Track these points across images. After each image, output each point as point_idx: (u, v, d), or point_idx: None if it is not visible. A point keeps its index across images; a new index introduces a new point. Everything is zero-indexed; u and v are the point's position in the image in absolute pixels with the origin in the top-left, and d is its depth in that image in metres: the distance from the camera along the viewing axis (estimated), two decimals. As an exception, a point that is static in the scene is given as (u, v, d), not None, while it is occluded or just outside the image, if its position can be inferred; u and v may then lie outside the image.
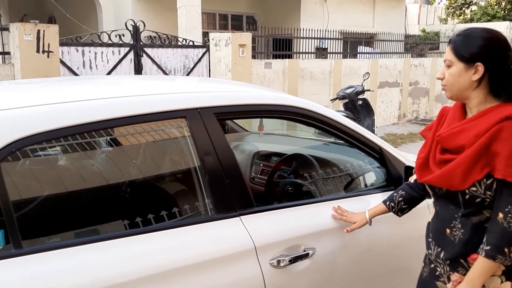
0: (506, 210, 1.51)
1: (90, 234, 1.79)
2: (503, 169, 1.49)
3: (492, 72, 1.57)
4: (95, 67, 6.67)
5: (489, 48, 1.58)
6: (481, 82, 1.58)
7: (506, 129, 1.51)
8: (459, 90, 1.63)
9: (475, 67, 1.58)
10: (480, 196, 1.58)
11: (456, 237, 1.65)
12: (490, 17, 17.87)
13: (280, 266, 1.84)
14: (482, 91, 1.60)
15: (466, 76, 1.59)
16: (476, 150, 1.54)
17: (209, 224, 1.79)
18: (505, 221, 1.51)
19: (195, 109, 1.83)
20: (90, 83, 2.50)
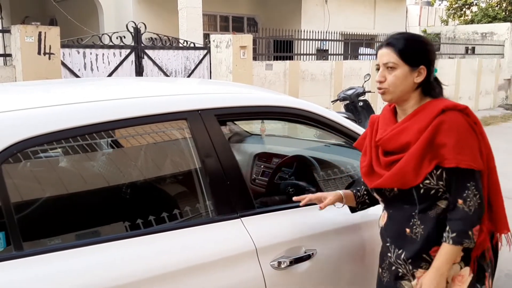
0: (464, 196, 1.59)
1: (91, 236, 1.79)
2: (453, 157, 1.58)
3: (428, 74, 1.69)
4: (96, 68, 6.68)
5: (430, 52, 1.70)
6: (420, 84, 1.68)
7: (446, 121, 1.60)
8: (402, 92, 1.68)
9: (418, 70, 1.67)
10: (434, 187, 1.64)
11: (418, 234, 1.69)
12: (491, 19, 17.88)
13: (281, 267, 1.84)
14: (418, 92, 1.70)
15: (410, 79, 1.67)
16: (422, 144, 1.61)
17: (210, 225, 1.79)
18: (466, 206, 1.59)
19: (196, 110, 1.83)
20: (91, 85, 2.50)
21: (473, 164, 1.59)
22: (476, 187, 1.60)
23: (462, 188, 1.60)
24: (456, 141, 1.58)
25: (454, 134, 1.59)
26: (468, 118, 1.63)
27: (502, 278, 3.67)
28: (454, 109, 1.63)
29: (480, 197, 1.61)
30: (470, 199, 1.59)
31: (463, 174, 1.59)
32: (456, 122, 1.60)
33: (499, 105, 15.38)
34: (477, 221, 1.61)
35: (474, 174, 1.60)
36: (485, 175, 1.66)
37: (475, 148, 1.61)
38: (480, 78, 14.16)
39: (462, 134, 1.59)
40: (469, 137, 1.61)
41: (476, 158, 1.60)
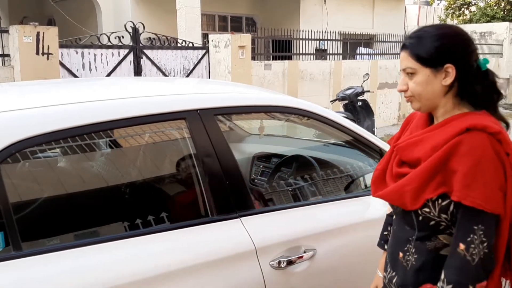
0: (468, 240, 1.29)
1: (90, 236, 1.79)
2: (459, 190, 1.28)
3: (461, 73, 1.36)
4: (94, 69, 6.67)
5: (457, 45, 1.38)
6: (453, 86, 1.37)
7: (466, 143, 1.29)
8: (429, 100, 1.40)
9: (445, 70, 1.36)
10: (434, 218, 1.37)
11: (409, 262, 1.46)
12: (489, 18, 17.90)
13: (280, 267, 1.83)
14: (451, 97, 1.39)
15: (436, 82, 1.37)
16: (430, 166, 1.33)
17: (209, 225, 1.78)
18: (468, 253, 1.29)
19: (195, 110, 1.83)
20: (90, 85, 2.50)
21: (482, 203, 1.26)
22: (485, 233, 1.27)
23: (466, 230, 1.29)
24: (469, 170, 1.27)
25: (469, 160, 1.27)
26: (498, 145, 1.29)
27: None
28: (482, 130, 1.29)
29: (489, 246, 1.28)
30: (475, 246, 1.28)
31: (470, 213, 1.28)
32: (477, 147, 1.28)
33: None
34: (482, 276, 1.29)
35: (484, 216, 1.27)
36: (506, 222, 1.32)
37: (493, 184, 1.27)
38: (478, 78, 14.14)
39: (479, 163, 1.27)
40: (488, 169, 1.27)
41: (490, 196, 1.26)
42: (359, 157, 2.51)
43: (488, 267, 1.30)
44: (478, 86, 1.37)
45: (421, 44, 1.38)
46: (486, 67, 1.38)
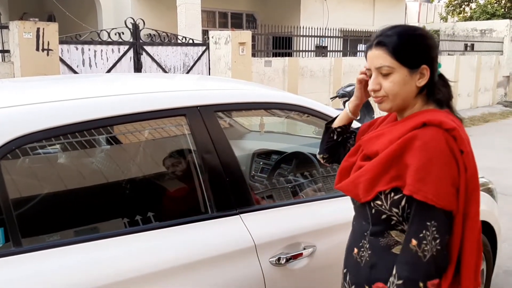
0: (420, 236, 1.26)
1: (90, 232, 1.79)
2: (411, 184, 1.26)
3: (432, 75, 1.37)
4: (94, 65, 6.67)
5: (432, 47, 1.38)
6: (424, 87, 1.37)
7: (420, 137, 1.28)
8: (403, 100, 1.38)
9: (420, 71, 1.35)
10: (385, 212, 1.34)
11: (363, 258, 1.42)
12: (489, 15, 17.88)
13: (280, 264, 1.83)
14: (421, 98, 1.39)
15: (411, 83, 1.35)
16: (384, 158, 1.32)
17: (209, 222, 1.79)
18: (420, 249, 1.26)
19: (195, 107, 1.83)
20: (90, 81, 2.49)
21: (434, 198, 1.24)
22: (438, 230, 1.25)
23: (419, 226, 1.27)
24: (422, 164, 1.25)
25: (422, 154, 1.26)
26: (452, 141, 1.28)
27: (501, 274, 3.68)
28: (438, 125, 1.29)
29: (441, 243, 1.26)
30: (427, 243, 1.25)
31: (422, 208, 1.26)
32: (431, 142, 1.27)
33: (498, 102, 15.40)
34: (433, 273, 1.26)
35: (436, 212, 1.25)
36: (459, 220, 1.28)
37: (445, 179, 1.25)
38: (479, 75, 14.17)
39: (433, 157, 1.25)
40: (441, 164, 1.25)
41: (442, 192, 1.24)
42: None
43: (440, 264, 1.27)
44: (442, 86, 1.41)
45: (401, 42, 1.35)
46: (439, 71, 1.41)
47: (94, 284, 1.47)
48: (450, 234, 1.28)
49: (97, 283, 1.48)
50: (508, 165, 6.98)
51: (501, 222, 3.33)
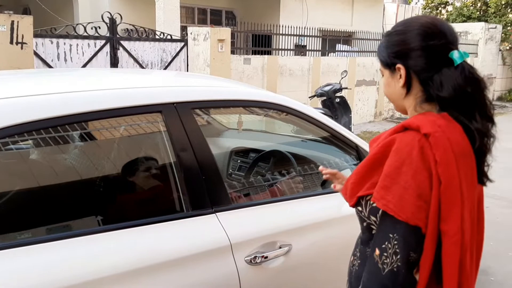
0: (383, 247, 1.16)
1: (61, 230, 1.75)
2: (376, 190, 1.17)
3: (419, 72, 1.23)
4: (70, 59, 6.54)
5: (404, 41, 1.24)
6: (410, 87, 1.26)
7: (397, 141, 1.18)
8: (394, 102, 1.33)
9: (397, 70, 1.26)
10: (365, 219, 1.27)
11: (354, 268, 1.37)
12: (465, 18, 18.22)
13: (255, 263, 1.83)
14: (414, 99, 1.27)
15: (395, 84, 1.28)
16: (366, 162, 1.25)
17: (184, 220, 1.76)
18: (380, 260, 1.17)
19: (171, 103, 1.80)
20: (64, 75, 2.44)
21: (395, 209, 1.12)
22: (401, 245, 1.13)
23: (382, 236, 1.17)
24: (391, 170, 1.15)
25: (393, 160, 1.16)
26: (428, 148, 1.14)
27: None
28: (416, 129, 1.17)
29: (403, 260, 1.14)
30: (387, 256, 1.15)
31: (386, 218, 1.16)
32: (404, 147, 1.15)
33: (471, 104, 15.70)
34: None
35: (398, 225, 1.13)
36: (430, 238, 1.14)
37: (411, 190, 1.12)
38: (454, 77, 14.40)
39: (402, 164, 1.14)
40: (408, 172, 1.13)
41: (405, 203, 1.12)
42: (336, 153, 2.53)
43: (399, 283, 1.15)
44: (438, 84, 1.20)
45: (381, 44, 1.32)
46: (458, 62, 1.20)
47: (64, 283, 1.44)
48: (418, 253, 1.15)
49: (67, 283, 1.44)
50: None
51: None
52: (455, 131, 1.18)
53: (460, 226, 1.14)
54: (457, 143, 1.16)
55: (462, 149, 1.17)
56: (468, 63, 1.23)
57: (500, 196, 5.78)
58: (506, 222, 4.99)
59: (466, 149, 1.18)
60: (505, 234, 4.67)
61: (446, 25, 1.25)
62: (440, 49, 1.21)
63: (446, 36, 1.23)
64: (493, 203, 5.50)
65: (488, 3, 18.34)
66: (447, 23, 1.28)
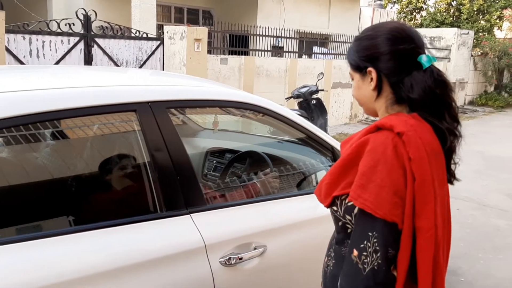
0: (361, 247, 1.17)
1: (30, 230, 1.70)
2: (353, 190, 1.19)
3: (389, 75, 1.27)
4: (42, 56, 6.40)
5: (370, 46, 1.29)
6: (381, 90, 1.29)
7: (371, 141, 1.21)
8: (364, 105, 1.37)
9: (368, 73, 1.30)
10: (340, 219, 1.29)
11: (328, 268, 1.37)
12: (439, 23, 18.60)
13: (230, 264, 1.81)
14: (385, 101, 1.30)
15: (365, 87, 1.32)
16: (340, 163, 1.27)
17: (158, 221, 1.73)
18: (360, 261, 1.17)
19: (146, 102, 1.77)
20: (36, 72, 2.37)
21: (372, 207, 1.14)
22: (379, 242, 1.15)
23: (361, 235, 1.18)
24: (366, 169, 1.18)
25: (367, 160, 1.18)
26: (401, 147, 1.17)
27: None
28: (389, 129, 1.20)
29: (382, 257, 1.15)
30: (367, 255, 1.16)
31: (364, 217, 1.17)
32: (378, 147, 1.18)
33: (444, 107, 16.05)
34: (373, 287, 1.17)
35: (377, 222, 1.15)
36: (406, 234, 1.16)
37: (387, 188, 1.15)
38: (427, 81, 14.69)
39: (377, 163, 1.16)
40: (385, 171, 1.15)
41: (382, 200, 1.14)
42: (312, 155, 2.54)
43: (380, 280, 1.17)
44: (408, 86, 1.24)
45: (351, 48, 1.35)
46: (427, 66, 1.25)
47: (34, 285, 1.39)
48: (395, 249, 1.17)
49: (37, 285, 1.40)
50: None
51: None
52: (426, 131, 1.22)
53: (434, 222, 1.17)
54: (428, 142, 1.20)
55: (433, 148, 1.21)
56: (436, 66, 1.28)
57: (470, 198, 5.92)
58: (476, 224, 5.10)
59: (436, 148, 1.22)
60: (475, 235, 4.77)
61: (413, 31, 1.31)
62: (409, 53, 1.26)
63: (414, 41, 1.28)
64: (463, 205, 5.63)
65: (460, 9, 18.78)
66: (414, 28, 1.33)
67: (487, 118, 14.53)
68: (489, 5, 18.49)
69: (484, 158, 8.34)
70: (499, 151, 9.11)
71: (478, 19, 18.90)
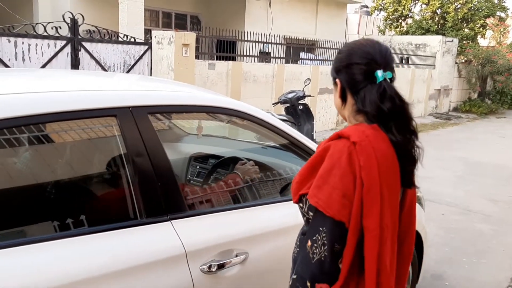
0: (313, 239, 1.33)
1: (5, 238, 1.66)
2: (311, 189, 1.35)
3: (348, 86, 1.43)
4: (28, 59, 6.34)
5: (341, 59, 1.44)
6: (345, 100, 1.45)
7: (331, 148, 1.36)
8: (338, 111, 1.52)
9: (337, 83, 1.46)
10: (305, 214, 1.43)
11: (293, 255, 1.51)
12: (424, 31, 18.79)
13: (211, 271, 1.79)
14: (349, 111, 1.45)
15: (336, 95, 1.48)
16: (307, 165, 1.41)
17: (138, 228, 1.71)
18: (311, 251, 1.33)
19: (127, 107, 1.75)
20: (16, 75, 2.34)
21: (324, 205, 1.30)
22: (328, 237, 1.31)
23: (314, 229, 1.34)
24: (323, 172, 1.33)
25: (326, 163, 1.33)
26: (355, 155, 1.31)
27: (428, 278, 3.85)
28: (347, 138, 1.35)
29: (329, 250, 1.31)
30: (317, 246, 1.31)
31: (317, 214, 1.33)
32: (335, 153, 1.33)
33: (429, 114, 16.24)
34: (319, 277, 1.32)
35: (326, 219, 1.30)
36: (352, 232, 1.31)
37: (338, 190, 1.29)
38: (412, 87, 14.87)
39: (333, 167, 1.31)
40: (338, 175, 1.30)
41: (332, 201, 1.29)
42: (295, 161, 2.53)
43: (326, 270, 1.32)
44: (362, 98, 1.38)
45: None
46: (380, 80, 1.37)
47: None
48: (341, 245, 1.32)
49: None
50: (436, 173, 7.36)
51: (429, 228, 3.49)
52: (381, 141, 1.35)
53: (379, 223, 1.32)
54: (380, 151, 1.33)
55: (386, 157, 1.34)
56: (388, 82, 1.39)
57: (454, 203, 5.97)
58: (460, 229, 5.15)
59: (390, 157, 1.35)
60: (459, 240, 4.82)
61: (376, 47, 1.42)
62: (363, 68, 1.39)
63: (373, 57, 1.39)
64: (448, 210, 5.68)
65: (445, 18, 18.99)
66: (382, 46, 1.44)
67: (470, 125, 14.70)
68: (473, 13, 18.73)
69: (467, 164, 8.44)
70: (482, 157, 9.22)
71: (462, 27, 19.14)
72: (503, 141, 11.49)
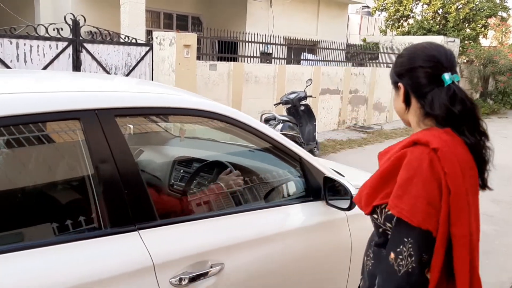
0: (397, 251, 1.29)
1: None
2: (391, 199, 1.31)
3: (412, 90, 1.41)
4: (30, 61, 6.31)
5: (403, 63, 1.44)
6: (409, 104, 1.43)
7: (408, 155, 1.32)
8: (400, 116, 1.50)
9: (399, 88, 1.45)
10: (381, 226, 1.41)
11: (368, 267, 1.50)
12: (425, 31, 18.57)
13: (181, 284, 1.68)
14: (415, 115, 1.43)
15: (398, 100, 1.47)
16: (379, 174, 1.39)
17: (101, 239, 1.59)
18: (396, 263, 1.29)
19: (92, 110, 1.64)
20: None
21: (408, 215, 1.26)
22: (415, 248, 1.27)
23: (397, 240, 1.30)
24: (403, 181, 1.29)
25: (404, 172, 1.29)
26: (437, 162, 1.28)
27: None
28: (425, 144, 1.31)
29: (417, 261, 1.27)
30: (402, 258, 1.28)
31: (400, 224, 1.29)
32: (414, 160, 1.29)
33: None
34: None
35: (412, 229, 1.27)
36: (441, 241, 1.27)
37: (422, 198, 1.26)
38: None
39: (414, 175, 1.27)
40: (420, 183, 1.26)
41: (417, 210, 1.25)
42: (281, 165, 2.42)
43: (414, 282, 1.28)
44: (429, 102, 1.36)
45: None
46: (448, 83, 1.36)
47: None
48: (429, 255, 1.28)
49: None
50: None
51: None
52: (458, 145, 1.33)
53: (468, 230, 1.29)
54: (461, 156, 1.31)
55: (466, 161, 1.32)
56: (457, 84, 1.37)
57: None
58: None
59: (469, 161, 1.34)
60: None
61: (442, 50, 1.41)
62: (429, 71, 1.37)
63: (438, 59, 1.38)
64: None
65: (447, 18, 18.76)
66: (446, 49, 1.42)
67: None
68: (474, 13, 18.49)
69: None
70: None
71: (464, 27, 18.89)
72: (505, 141, 11.31)
